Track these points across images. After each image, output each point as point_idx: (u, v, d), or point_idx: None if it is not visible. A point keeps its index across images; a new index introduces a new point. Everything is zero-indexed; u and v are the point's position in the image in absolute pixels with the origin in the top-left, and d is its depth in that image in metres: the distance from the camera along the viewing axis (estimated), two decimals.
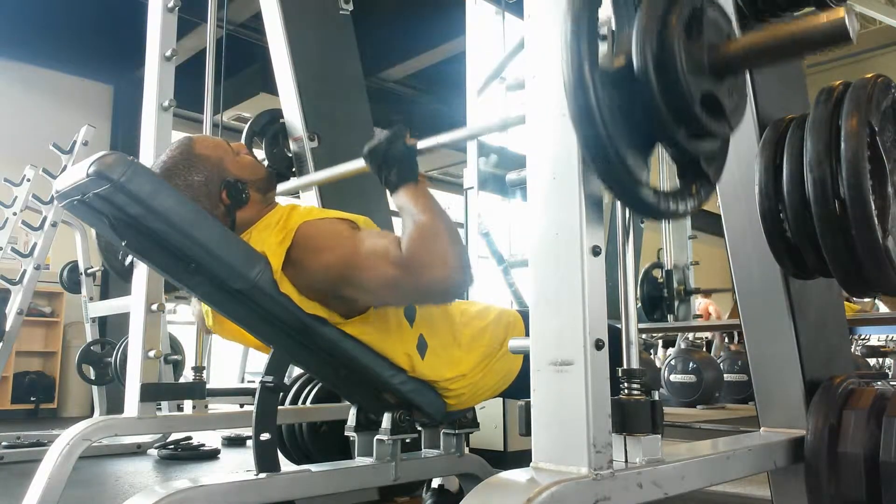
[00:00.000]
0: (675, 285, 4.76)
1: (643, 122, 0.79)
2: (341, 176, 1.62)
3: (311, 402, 2.14)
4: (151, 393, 2.00)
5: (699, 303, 6.11)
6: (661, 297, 4.76)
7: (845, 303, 1.64)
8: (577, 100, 0.76)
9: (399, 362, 1.41)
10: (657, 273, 4.84)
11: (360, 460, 1.49)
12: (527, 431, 0.90)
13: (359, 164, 1.44)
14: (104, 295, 5.72)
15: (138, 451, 3.38)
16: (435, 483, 1.85)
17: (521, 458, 0.85)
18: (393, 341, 1.40)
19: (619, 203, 0.97)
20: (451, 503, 1.82)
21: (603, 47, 0.85)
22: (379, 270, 1.25)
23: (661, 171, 4.93)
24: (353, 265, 1.28)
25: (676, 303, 4.76)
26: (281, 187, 1.80)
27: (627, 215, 1.00)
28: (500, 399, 2.31)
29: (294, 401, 2.17)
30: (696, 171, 0.89)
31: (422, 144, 1.38)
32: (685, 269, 4.83)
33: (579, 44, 0.75)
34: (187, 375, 3.01)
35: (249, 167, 1.45)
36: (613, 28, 0.86)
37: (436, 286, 1.24)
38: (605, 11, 0.84)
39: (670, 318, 4.81)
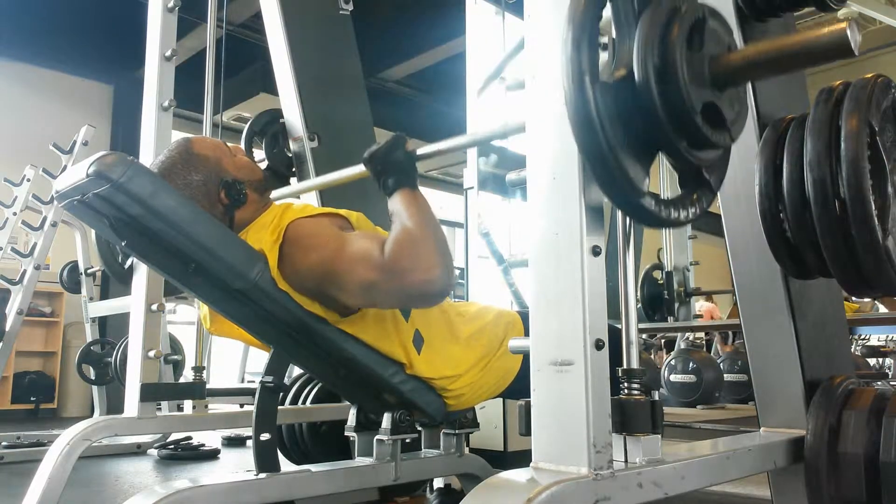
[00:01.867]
0: (676, 287, 4.76)
1: (644, 131, 0.79)
2: (342, 181, 1.63)
3: (311, 402, 2.14)
4: (151, 393, 2.00)
5: (700, 305, 6.11)
6: (661, 299, 4.76)
7: (845, 303, 1.64)
8: (577, 111, 0.76)
9: (396, 357, 1.42)
10: (657, 274, 4.84)
11: (360, 460, 1.49)
12: (527, 431, 0.90)
13: (359, 169, 1.46)
14: (104, 295, 5.72)
15: (138, 451, 3.38)
16: (440, 483, 1.85)
17: (521, 458, 0.85)
18: (389, 337, 1.41)
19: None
20: (457, 503, 1.82)
21: (604, 56, 0.85)
22: (359, 273, 1.26)
23: (662, 177, 4.93)
24: (335, 266, 1.29)
25: (677, 304, 4.76)
26: (282, 192, 1.80)
27: (628, 221, 1.00)
28: (500, 399, 2.30)
29: (294, 401, 2.17)
30: (697, 179, 0.89)
31: (421, 151, 1.38)
32: (685, 270, 4.83)
33: (580, 56, 0.75)
34: (187, 375, 3.01)
35: (247, 168, 1.46)
36: (614, 37, 0.86)
37: (417, 290, 1.24)
38: (605, 17, 0.84)
39: (670, 318, 4.81)
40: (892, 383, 5.18)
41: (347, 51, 2.51)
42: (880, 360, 6.41)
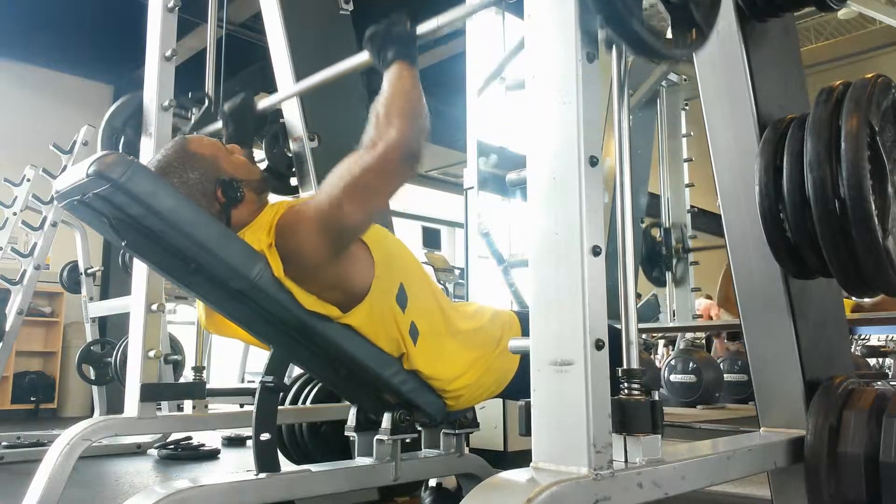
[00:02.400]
0: (674, 243, 4.78)
1: None
2: None
3: (311, 402, 2.14)
4: (151, 393, 2.00)
5: (699, 302, 6.10)
6: (659, 256, 4.79)
7: (845, 299, 1.63)
8: None
9: (394, 348, 1.42)
10: (655, 232, 4.85)
11: (360, 460, 1.49)
12: (527, 431, 0.90)
13: None
14: (104, 295, 5.71)
15: (138, 451, 3.38)
16: (433, 482, 1.85)
17: (521, 458, 0.85)
18: (388, 328, 1.41)
19: (617, 201, 0.97)
20: (449, 502, 1.82)
21: None
22: (355, 172, 1.28)
23: (662, 178, 4.94)
24: (333, 193, 1.30)
25: (675, 261, 4.78)
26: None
27: (627, 222, 0.99)
28: (500, 399, 2.30)
29: (294, 401, 2.17)
30: (686, 17, 0.93)
31: (422, 28, 1.40)
32: (682, 226, 4.84)
33: None
34: (187, 375, 3.01)
35: (244, 167, 1.46)
36: None
37: (393, 148, 1.27)
38: None
39: (670, 316, 4.81)
40: (892, 383, 5.17)
41: (347, 51, 2.50)
42: (880, 360, 6.41)
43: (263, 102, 1.86)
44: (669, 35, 0.95)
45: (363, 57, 1.47)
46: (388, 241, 1.53)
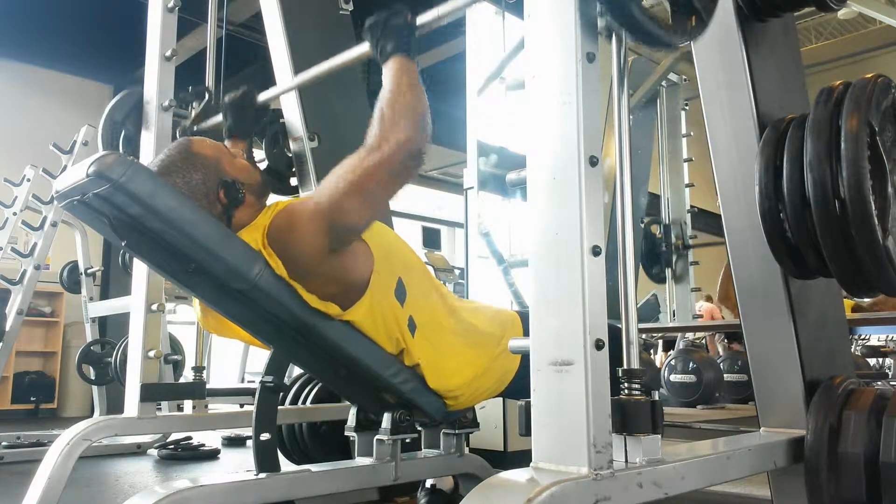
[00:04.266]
0: (674, 240, 4.79)
1: None
2: None
3: (311, 402, 2.14)
4: (151, 393, 2.00)
5: (700, 305, 6.11)
6: (660, 252, 4.80)
7: (844, 299, 1.63)
8: None
9: (393, 346, 1.42)
10: (655, 229, 4.86)
11: (360, 460, 1.49)
12: (527, 431, 0.90)
13: None
14: (104, 295, 5.72)
15: (138, 451, 3.38)
16: (428, 483, 1.85)
17: (521, 458, 0.85)
18: (388, 323, 1.41)
19: (617, 201, 0.97)
20: (444, 502, 1.82)
21: None
22: (358, 172, 1.28)
23: (662, 179, 4.94)
24: (335, 193, 1.29)
25: (675, 257, 4.79)
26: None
27: (628, 223, 0.99)
28: (500, 399, 2.31)
29: (294, 401, 2.17)
30: (686, 4, 0.93)
31: (421, 19, 1.39)
32: (682, 223, 4.85)
33: None
34: (187, 375, 3.01)
35: (245, 170, 1.47)
36: None
37: (399, 149, 1.28)
38: None
39: (670, 316, 4.82)
40: (892, 383, 5.18)
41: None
42: (880, 360, 6.41)
43: (264, 95, 1.86)
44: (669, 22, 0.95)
45: (363, 48, 1.47)
46: (387, 236, 1.53)
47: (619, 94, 0.99)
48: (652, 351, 7.20)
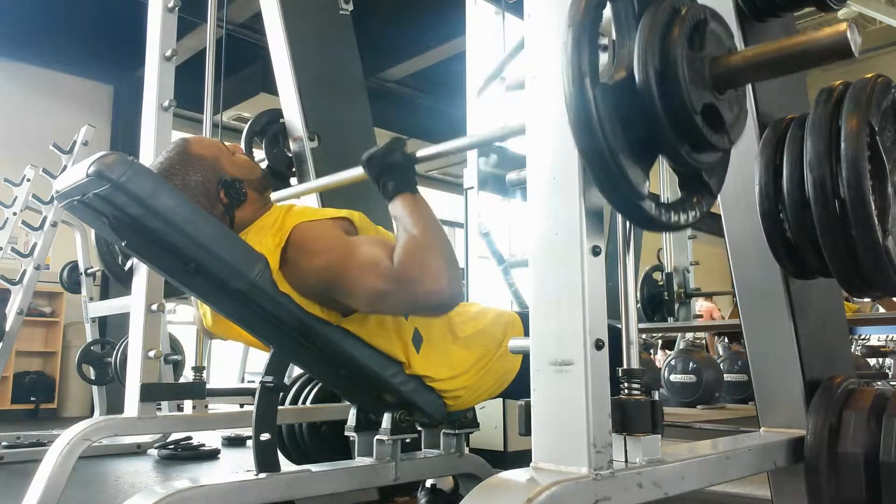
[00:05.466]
0: (676, 288, 4.77)
1: (644, 133, 0.79)
2: (342, 182, 1.63)
3: (311, 402, 2.14)
4: (151, 393, 2.00)
5: (700, 304, 6.11)
6: (661, 300, 4.77)
7: (845, 303, 1.63)
8: (577, 113, 0.76)
9: (396, 356, 1.41)
10: (657, 276, 4.85)
11: (360, 460, 1.49)
12: (527, 431, 0.90)
13: (359, 171, 1.46)
14: (104, 295, 5.72)
15: (138, 451, 3.38)
16: (428, 483, 1.85)
17: (521, 458, 0.85)
18: (390, 335, 1.41)
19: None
20: (444, 503, 1.82)
21: (604, 57, 0.85)
22: (369, 282, 1.25)
23: (662, 179, 4.93)
24: (343, 273, 1.28)
25: (677, 305, 4.77)
26: (282, 194, 1.80)
27: (628, 224, 0.99)
28: (500, 399, 2.30)
29: (294, 401, 2.17)
30: (697, 182, 0.89)
31: (421, 153, 1.38)
32: (685, 271, 4.84)
33: (580, 57, 0.75)
34: (187, 375, 3.01)
35: (245, 166, 1.46)
36: (614, 38, 0.86)
37: (426, 300, 1.24)
38: (606, 18, 0.84)
39: (670, 319, 4.82)
40: (892, 383, 5.17)
41: (347, 51, 2.51)
42: (880, 360, 6.41)
43: None
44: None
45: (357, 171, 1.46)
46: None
47: (625, 258, 0.99)
48: (652, 351, 7.20)
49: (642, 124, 0.79)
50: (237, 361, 5.61)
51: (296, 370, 2.38)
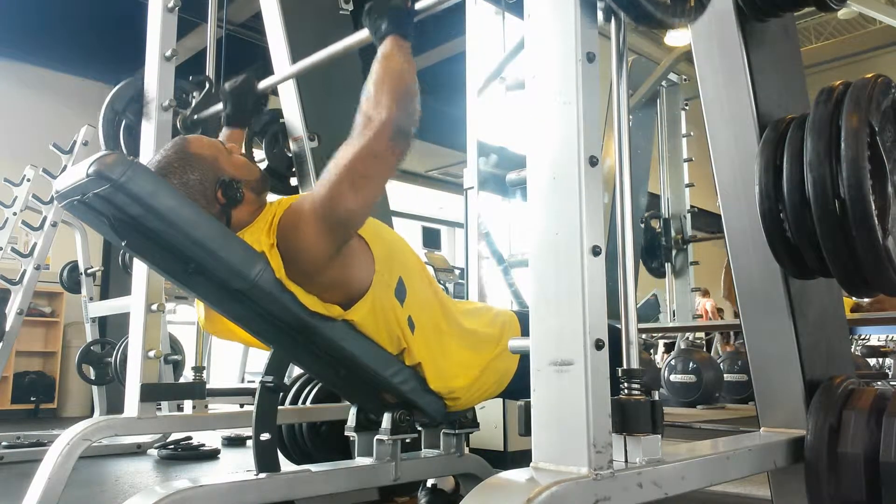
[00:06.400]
0: (673, 234, 4.79)
1: None
2: None
3: (311, 402, 2.14)
4: (151, 393, 2.00)
5: (699, 302, 6.11)
6: (659, 246, 4.80)
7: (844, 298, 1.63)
8: None
9: (393, 346, 1.42)
10: (655, 223, 4.86)
11: (360, 460, 1.49)
12: (527, 431, 0.90)
13: None
14: (104, 295, 5.72)
15: (138, 451, 3.38)
16: (429, 483, 1.85)
17: (521, 458, 0.85)
18: (388, 322, 1.41)
19: (617, 201, 0.97)
20: (445, 503, 1.82)
21: None
22: (347, 157, 1.27)
23: (662, 179, 4.94)
24: (329, 183, 1.29)
25: (674, 252, 4.78)
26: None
27: (628, 225, 0.99)
28: (500, 399, 2.30)
29: (294, 401, 2.17)
30: None
31: (420, 4, 1.39)
32: (682, 217, 4.85)
33: None
34: (187, 375, 3.01)
35: (244, 167, 1.46)
36: None
37: (383, 129, 1.26)
38: None
39: (670, 316, 4.81)
40: (892, 383, 5.17)
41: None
42: (880, 360, 6.41)
43: (264, 83, 1.87)
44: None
45: (363, 34, 1.47)
46: (387, 235, 1.53)
47: (618, 80, 0.98)
48: (652, 351, 7.20)
49: None
50: (237, 361, 5.61)
51: (296, 370, 2.38)
